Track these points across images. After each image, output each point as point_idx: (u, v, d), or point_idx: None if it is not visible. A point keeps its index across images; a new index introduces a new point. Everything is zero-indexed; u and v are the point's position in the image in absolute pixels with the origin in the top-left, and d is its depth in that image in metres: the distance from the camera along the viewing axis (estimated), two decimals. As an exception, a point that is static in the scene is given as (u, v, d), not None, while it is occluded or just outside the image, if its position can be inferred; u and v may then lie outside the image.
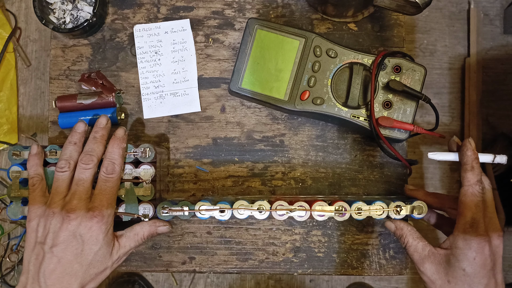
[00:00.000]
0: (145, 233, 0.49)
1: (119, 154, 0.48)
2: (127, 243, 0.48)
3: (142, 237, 0.49)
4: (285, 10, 0.59)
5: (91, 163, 0.47)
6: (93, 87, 0.57)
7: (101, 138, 0.49)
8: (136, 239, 0.49)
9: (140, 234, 0.49)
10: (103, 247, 0.45)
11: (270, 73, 0.54)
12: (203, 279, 1.19)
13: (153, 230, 0.50)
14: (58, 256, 0.44)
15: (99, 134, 0.49)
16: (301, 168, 0.57)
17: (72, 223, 0.44)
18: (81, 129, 0.50)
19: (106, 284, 1.17)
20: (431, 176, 1.21)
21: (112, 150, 0.48)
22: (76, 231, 0.44)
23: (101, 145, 0.49)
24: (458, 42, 1.23)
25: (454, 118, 1.22)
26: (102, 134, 0.49)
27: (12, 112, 0.90)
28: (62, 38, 0.58)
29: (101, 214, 0.45)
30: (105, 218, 0.45)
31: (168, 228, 0.51)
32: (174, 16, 0.59)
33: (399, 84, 0.52)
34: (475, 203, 0.44)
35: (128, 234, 0.49)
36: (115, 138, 0.49)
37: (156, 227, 0.50)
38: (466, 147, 0.46)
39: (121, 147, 0.49)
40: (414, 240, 0.47)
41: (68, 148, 0.48)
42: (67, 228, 0.44)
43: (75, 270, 0.44)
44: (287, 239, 0.57)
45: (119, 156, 0.48)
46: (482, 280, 0.43)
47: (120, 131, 0.49)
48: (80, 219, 0.44)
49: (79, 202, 0.45)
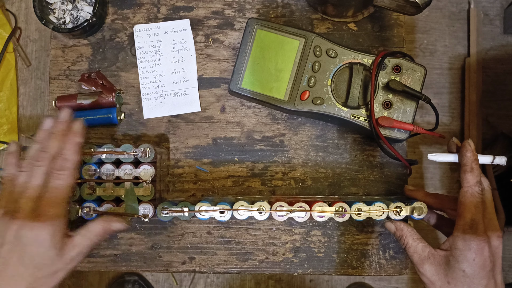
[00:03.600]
0: (100, 230, 0.46)
1: (72, 150, 0.46)
2: (81, 241, 0.45)
3: (95, 234, 0.46)
4: (285, 10, 0.59)
5: (43, 160, 0.45)
6: (93, 87, 0.57)
7: (59, 134, 0.46)
8: (89, 236, 0.46)
9: (93, 231, 0.46)
10: (50, 249, 0.43)
11: (270, 73, 0.54)
12: (203, 279, 1.19)
13: (106, 226, 0.47)
14: (4, 257, 0.42)
15: (57, 129, 0.46)
16: (301, 168, 0.57)
17: (16, 223, 0.42)
18: (46, 126, 0.47)
19: (106, 284, 1.17)
20: (431, 176, 1.21)
21: (65, 146, 0.46)
22: (18, 233, 0.42)
23: (57, 141, 0.46)
24: (458, 42, 1.23)
25: (454, 118, 1.22)
26: (60, 129, 0.47)
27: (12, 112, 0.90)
28: (62, 38, 0.58)
29: (46, 214, 0.43)
30: (50, 218, 0.43)
31: (124, 225, 0.48)
32: (174, 16, 0.59)
33: (399, 84, 0.52)
34: (474, 204, 0.44)
35: (82, 233, 0.46)
36: (69, 133, 0.46)
37: (110, 223, 0.47)
38: (466, 148, 0.46)
39: (75, 142, 0.46)
40: (414, 241, 0.47)
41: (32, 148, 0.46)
42: (11, 229, 0.42)
43: (20, 272, 0.42)
44: (287, 239, 0.57)
45: (72, 152, 0.46)
46: (481, 281, 0.43)
47: (75, 125, 0.47)
48: (23, 220, 0.42)
49: (26, 202, 0.43)
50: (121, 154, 0.50)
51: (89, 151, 0.50)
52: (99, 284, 1.17)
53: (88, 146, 0.51)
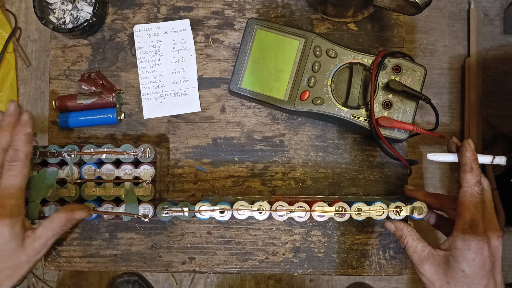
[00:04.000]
0: (62, 219, 0.46)
1: (23, 140, 0.46)
2: (44, 232, 0.45)
3: (59, 224, 0.46)
4: (285, 10, 0.59)
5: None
6: (93, 87, 0.57)
7: (7, 126, 0.46)
8: (52, 226, 0.46)
9: (55, 221, 0.46)
10: (10, 240, 0.43)
11: (270, 73, 0.54)
12: (203, 279, 1.19)
13: (69, 215, 0.47)
14: None
15: (5, 122, 0.47)
16: (301, 168, 0.57)
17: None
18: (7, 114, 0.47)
19: (106, 284, 1.17)
20: (431, 176, 1.21)
21: (15, 138, 0.46)
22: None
23: (7, 133, 0.46)
24: (458, 42, 1.23)
25: (454, 118, 1.22)
26: (9, 121, 0.47)
27: (12, 112, 0.90)
28: (62, 38, 0.58)
29: (3, 205, 0.43)
30: (8, 209, 0.43)
31: (86, 212, 0.48)
32: (174, 16, 0.59)
33: (399, 84, 0.52)
34: (474, 204, 0.44)
35: (45, 224, 0.46)
36: (18, 125, 0.47)
37: (73, 212, 0.47)
38: (465, 148, 0.46)
39: (25, 133, 0.46)
40: (413, 241, 0.47)
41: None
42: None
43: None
44: (287, 239, 0.57)
45: (23, 143, 0.46)
46: (481, 281, 0.43)
47: (24, 116, 0.47)
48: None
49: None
50: (121, 154, 0.50)
51: (89, 151, 0.50)
52: (99, 284, 1.17)
53: (88, 146, 0.51)
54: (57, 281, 1.16)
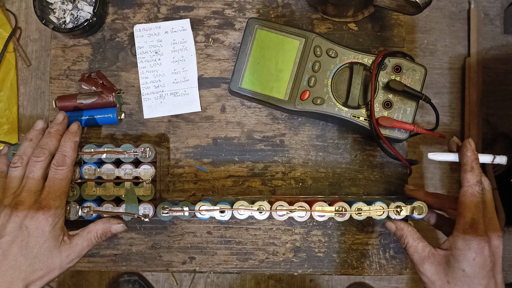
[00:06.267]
0: (99, 232, 0.48)
1: (71, 147, 0.49)
2: (79, 241, 0.47)
3: (95, 236, 0.48)
4: (285, 10, 0.59)
5: (42, 156, 0.47)
6: (93, 87, 0.57)
7: (55, 133, 0.49)
8: (89, 237, 0.47)
9: (93, 232, 0.48)
10: (49, 240, 0.45)
11: (270, 73, 0.54)
12: (203, 279, 1.19)
13: (106, 228, 0.49)
14: (3, 248, 0.44)
15: (53, 129, 0.50)
16: (301, 168, 0.57)
17: (19, 214, 0.44)
18: (39, 127, 0.51)
19: (106, 284, 1.17)
20: (431, 176, 1.21)
21: (64, 144, 0.49)
22: (22, 223, 0.44)
23: (54, 139, 0.49)
24: (458, 42, 1.23)
25: (454, 118, 1.22)
26: (57, 129, 0.50)
27: (12, 112, 0.90)
28: (62, 38, 0.58)
29: (48, 206, 0.45)
30: (52, 210, 0.45)
31: (123, 227, 0.49)
32: (174, 16, 0.59)
33: (399, 84, 0.52)
34: (474, 204, 0.44)
35: (81, 233, 0.47)
36: (68, 132, 0.50)
37: (110, 225, 0.49)
38: (466, 148, 0.46)
39: (73, 141, 0.49)
40: (414, 240, 0.47)
41: (23, 144, 0.49)
42: (14, 220, 0.44)
43: (19, 263, 0.44)
44: (287, 239, 0.57)
45: (71, 149, 0.48)
46: (481, 281, 0.43)
47: (73, 126, 0.50)
48: (27, 211, 0.44)
49: (28, 195, 0.45)
50: (121, 154, 0.50)
51: (89, 151, 0.50)
52: (99, 284, 1.17)
53: (88, 146, 0.51)
54: (57, 281, 1.16)
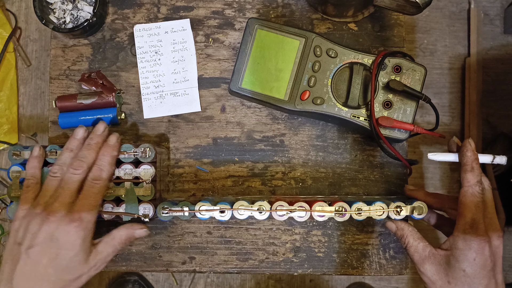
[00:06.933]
0: (123, 237, 0.48)
1: (108, 162, 0.48)
2: (104, 248, 0.47)
3: (119, 242, 0.48)
4: (285, 10, 0.59)
5: (81, 169, 0.47)
6: (93, 87, 0.57)
7: (95, 146, 0.49)
8: (113, 243, 0.47)
9: (117, 238, 0.48)
10: (79, 253, 0.44)
11: (270, 73, 0.54)
12: (203, 279, 1.19)
13: (130, 233, 0.48)
14: (33, 258, 0.43)
15: (93, 141, 0.49)
16: (301, 168, 0.57)
17: (51, 225, 0.43)
18: (79, 136, 0.50)
19: (106, 284, 1.17)
20: (431, 176, 1.21)
21: (102, 157, 0.48)
22: (53, 234, 0.43)
23: (93, 152, 0.48)
24: (458, 42, 1.23)
25: (454, 118, 1.22)
26: (97, 141, 0.49)
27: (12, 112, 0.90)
28: (62, 38, 0.58)
29: (80, 219, 0.44)
30: (84, 223, 0.44)
31: (146, 232, 0.49)
32: (174, 16, 0.59)
33: (399, 84, 0.52)
34: (475, 204, 0.44)
35: (106, 240, 0.47)
36: (106, 146, 0.49)
37: (134, 230, 0.49)
38: (466, 148, 0.46)
39: (111, 155, 0.48)
40: (414, 240, 0.47)
41: (64, 154, 0.48)
42: (45, 230, 0.43)
43: (48, 274, 0.43)
44: (287, 239, 0.57)
45: (108, 164, 0.48)
46: (482, 281, 0.43)
47: (112, 138, 0.49)
48: (58, 223, 0.44)
49: (61, 206, 0.45)
50: (121, 154, 0.50)
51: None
52: (99, 284, 1.17)
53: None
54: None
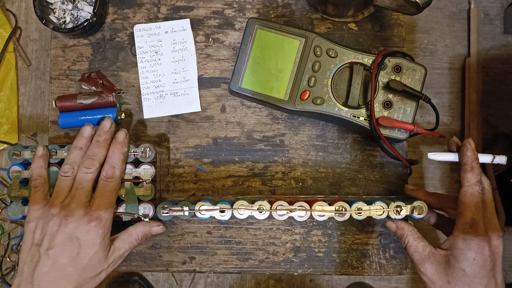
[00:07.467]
0: (139, 234, 0.49)
1: (120, 158, 0.48)
2: (122, 245, 0.48)
3: (136, 239, 0.49)
4: (285, 10, 0.59)
5: (93, 167, 0.47)
6: (93, 87, 0.57)
7: (104, 142, 0.49)
8: (130, 240, 0.48)
9: (134, 235, 0.48)
10: (99, 251, 0.45)
11: (270, 73, 0.54)
12: (203, 279, 1.19)
13: (147, 230, 0.49)
14: (53, 258, 0.44)
15: (102, 138, 0.49)
16: (301, 168, 0.57)
17: (69, 226, 0.44)
18: (87, 134, 0.50)
19: (106, 284, 1.17)
20: (431, 176, 1.21)
21: (113, 155, 0.48)
22: (73, 234, 0.44)
23: (103, 149, 0.48)
24: (458, 42, 1.23)
25: (454, 118, 1.22)
26: (105, 138, 0.49)
27: (12, 112, 0.90)
28: (62, 38, 0.58)
29: (98, 218, 0.45)
30: (102, 222, 0.45)
31: (163, 229, 0.50)
32: (174, 16, 0.59)
33: (399, 84, 0.52)
34: (474, 204, 0.44)
35: (122, 236, 0.48)
36: (116, 142, 0.49)
37: (150, 227, 0.49)
38: (466, 148, 0.46)
39: (121, 152, 0.49)
40: (414, 240, 0.47)
41: (73, 152, 0.48)
42: (64, 231, 0.44)
43: (69, 273, 0.44)
44: (287, 239, 0.57)
45: (119, 161, 0.48)
46: (482, 281, 0.43)
47: (121, 135, 0.49)
48: (77, 222, 0.44)
49: (78, 206, 0.45)
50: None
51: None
52: (99, 284, 1.17)
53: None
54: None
